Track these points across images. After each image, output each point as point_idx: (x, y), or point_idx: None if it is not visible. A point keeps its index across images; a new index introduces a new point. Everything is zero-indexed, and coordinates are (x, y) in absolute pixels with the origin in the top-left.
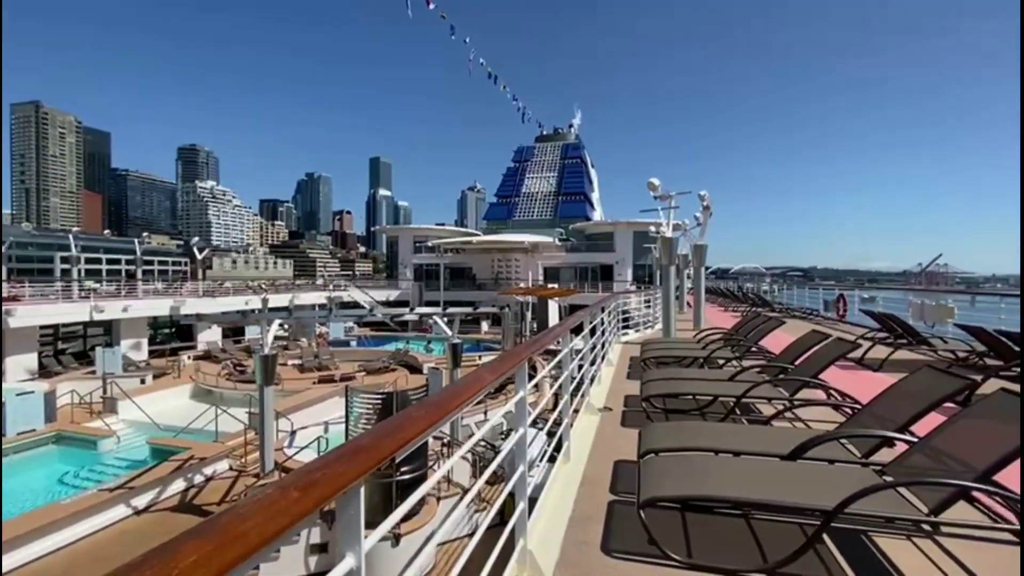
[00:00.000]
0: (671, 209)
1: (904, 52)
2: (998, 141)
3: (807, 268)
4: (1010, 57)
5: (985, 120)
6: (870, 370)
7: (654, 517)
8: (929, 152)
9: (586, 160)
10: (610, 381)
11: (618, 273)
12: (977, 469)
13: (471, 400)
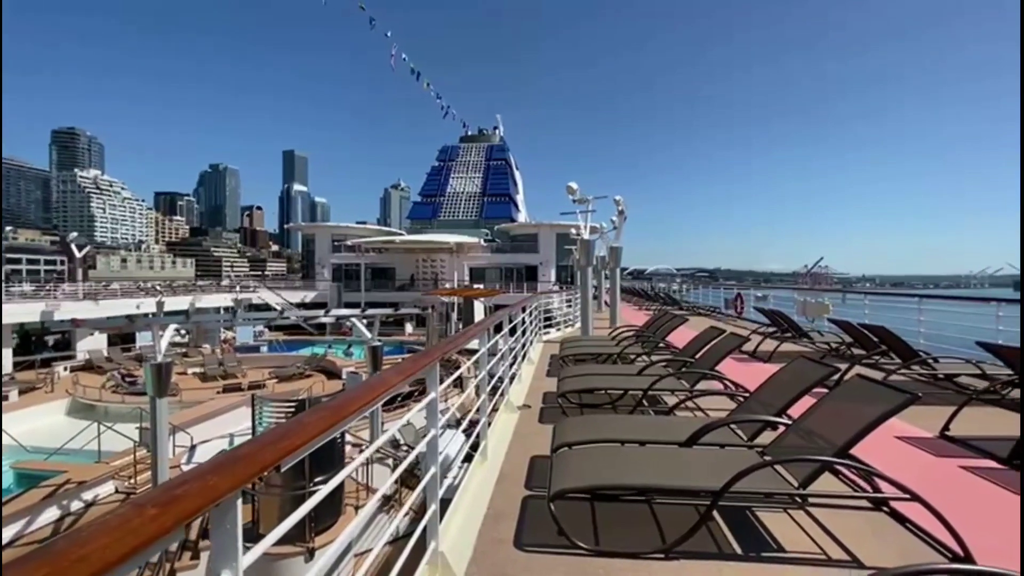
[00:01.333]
0: (588, 212)
1: (791, 70)
2: (875, 156)
3: (713, 269)
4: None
5: (863, 133)
6: (761, 361)
7: (564, 509)
8: (814, 163)
9: (511, 162)
10: (530, 379)
11: (542, 274)
12: (837, 445)
13: (372, 404)
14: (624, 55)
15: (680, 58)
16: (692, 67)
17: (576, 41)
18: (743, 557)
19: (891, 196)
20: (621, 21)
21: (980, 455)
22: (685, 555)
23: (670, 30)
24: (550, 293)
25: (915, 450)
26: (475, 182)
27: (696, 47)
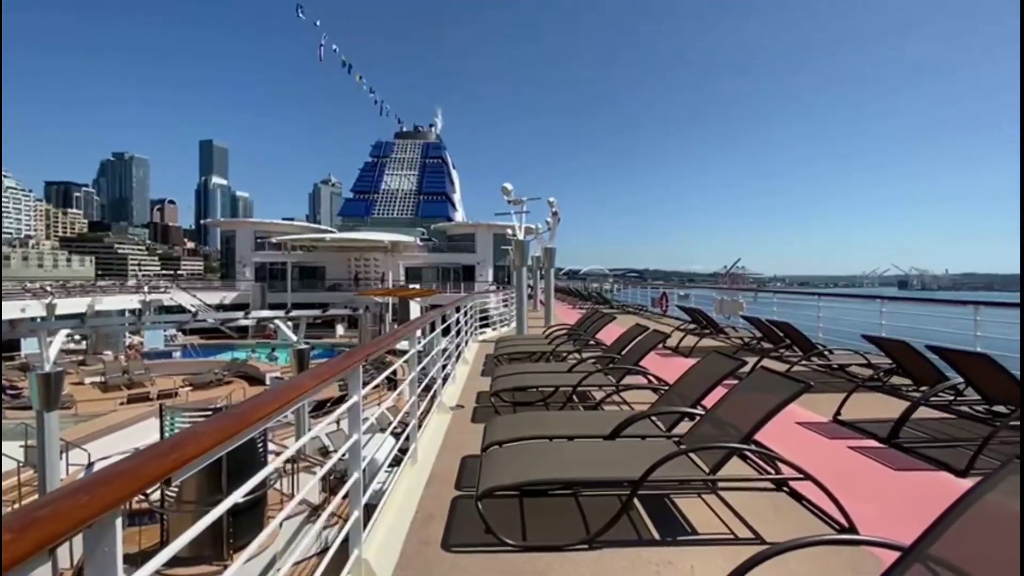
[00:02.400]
0: (523, 213)
1: (719, 76)
2: (789, 165)
3: (642, 270)
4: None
5: (773, 142)
6: (682, 356)
7: (493, 507)
8: (734, 169)
9: (448, 161)
10: (465, 379)
11: (479, 273)
12: (743, 432)
13: (282, 410)
14: (562, 59)
15: (617, 61)
16: (628, 70)
17: (514, 42)
18: (660, 542)
19: (799, 202)
20: (559, 23)
21: (865, 436)
22: (607, 544)
23: (608, 33)
24: (487, 293)
25: (812, 434)
26: (411, 180)
27: (632, 50)
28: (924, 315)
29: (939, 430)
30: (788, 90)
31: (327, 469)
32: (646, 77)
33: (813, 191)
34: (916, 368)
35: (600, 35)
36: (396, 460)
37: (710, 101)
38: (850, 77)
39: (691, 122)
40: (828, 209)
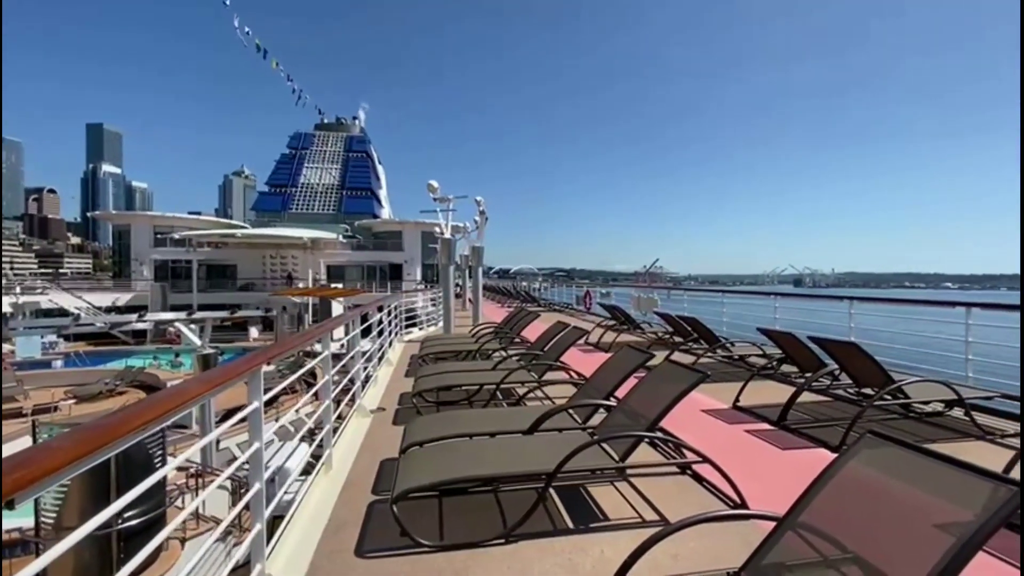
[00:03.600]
0: (449, 212)
1: (649, 84)
2: (703, 171)
3: (570, 269)
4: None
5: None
6: (603, 351)
7: (410, 509)
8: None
9: (373, 155)
10: (387, 381)
11: (407, 272)
12: (650, 420)
13: (161, 420)
14: (490, 58)
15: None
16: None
17: (443, 38)
18: (572, 530)
19: (711, 204)
20: (488, 22)
21: (759, 420)
22: (523, 536)
23: (540, 33)
24: (414, 292)
25: (714, 420)
26: (332, 174)
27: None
28: (811, 309)
29: (819, 411)
30: (700, 104)
31: (222, 481)
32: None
33: (725, 197)
34: (801, 357)
35: (534, 35)
36: (311, 467)
37: (627, 107)
38: (755, 88)
39: (618, 127)
40: (738, 213)
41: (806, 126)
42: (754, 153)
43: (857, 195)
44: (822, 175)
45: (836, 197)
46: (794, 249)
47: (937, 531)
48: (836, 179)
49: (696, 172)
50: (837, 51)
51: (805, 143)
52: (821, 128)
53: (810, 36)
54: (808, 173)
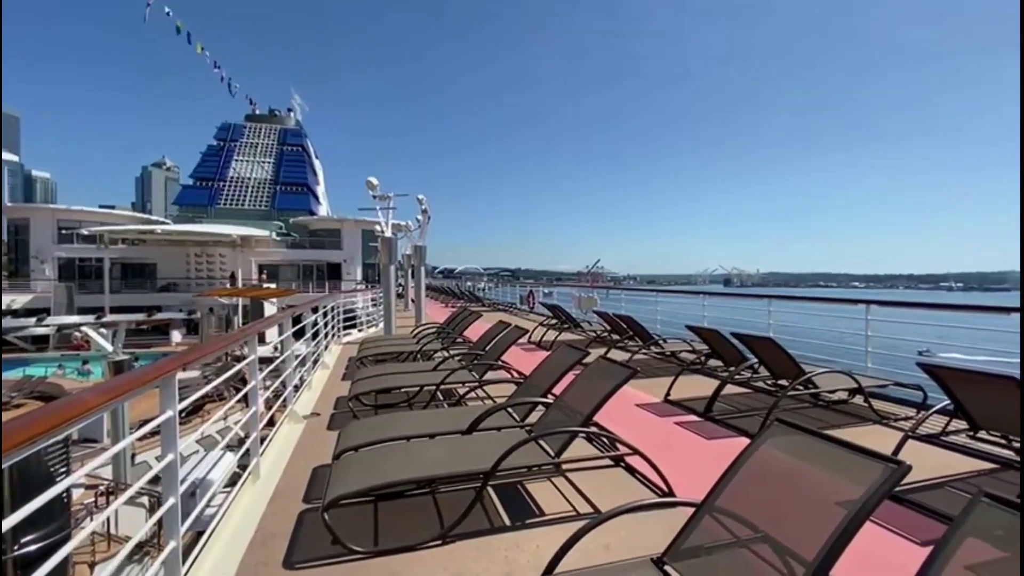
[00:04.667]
0: (390, 210)
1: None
2: (644, 175)
3: (515, 269)
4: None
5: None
6: (544, 350)
7: (343, 516)
8: (597, 173)
9: (309, 150)
10: (323, 385)
11: (347, 272)
12: (584, 416)
13: (50, 435)
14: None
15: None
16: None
17: (385, 30)
18: (509, 527)
19: (651, 206)
20: (427, 12)
21: (688, 412)
22: (460, 536)
23: (483, 28)
24: (353, 292)
25: (646, 413)
26: (265, 168)
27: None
28: (735, 307)
29: (741, 402)
30: (641, 109)
31: (128, 497)
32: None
33: (664, 200)
34: (725, 352)
35: (474, 29)
36: (239, 478)
37: (566, 108)
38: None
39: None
40: (675, 216)
41: (722, 135)
42: (691, 158)
43: (779, 198)
44: (748, 180)
45: (760, 201)
46: (724, 250)
47: (833, 506)
48: (760, 184)
49: (638, 175)
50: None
51: (728, 151)
52: (739, 136)
53: (719, 52)
54: (737, 178)
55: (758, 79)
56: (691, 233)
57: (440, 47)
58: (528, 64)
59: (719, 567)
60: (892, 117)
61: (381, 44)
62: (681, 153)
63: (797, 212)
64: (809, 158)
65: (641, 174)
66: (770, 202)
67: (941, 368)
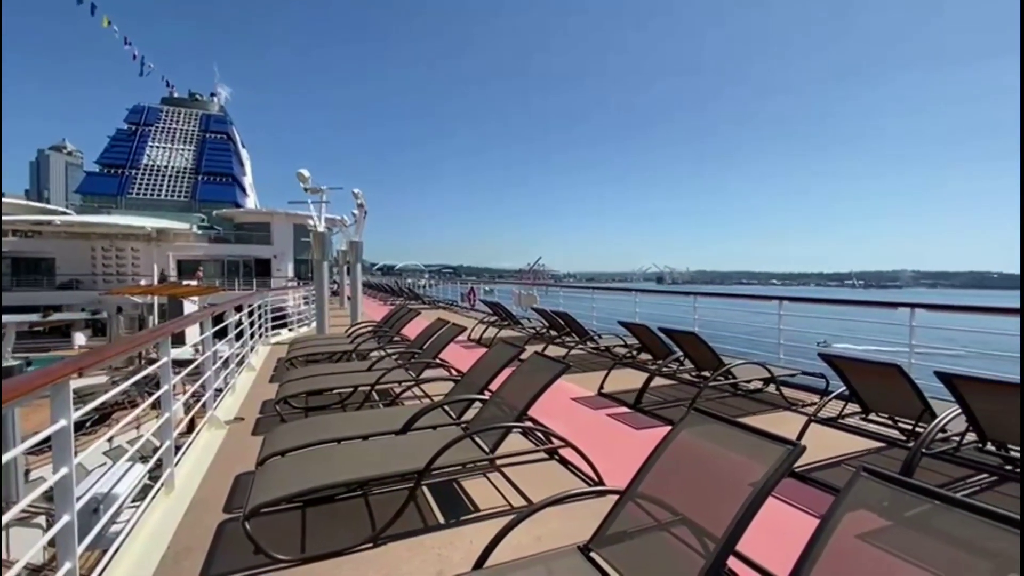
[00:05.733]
0: (323, 203)
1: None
2: (586, 176)
3: (457, 266)
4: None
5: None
6: (484, 347)
7: (268, 525)
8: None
9: (235, 138)
10: (248, 388)
11: (277, 268)
12: (518, 411)
13: None
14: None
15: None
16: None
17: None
18: (444, 525)
19: (591, 205)
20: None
21: (620, 404)
22: (393, 537)
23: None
24: (284, 289)
25: (581, 407)
26: (185, 156)
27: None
28: (666, 303)
29: (668, 393)
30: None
31: (12, 517)
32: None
33: (604, 198)
34: (654, 346)
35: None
36: (150, 490)
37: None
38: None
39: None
40: (615, 215)
41: (664, 141)
42: (628, 161)
43: (707, 195)
44: (684, 179)
45: (690, 199)
46: (660, 249)
47: (740, 486)
48: (694, 181)
49: (581, 176)
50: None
51: (668, 151)
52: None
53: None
54: (673, 178)
55: (703, 89)
56: (630, 232)
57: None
58: (477, 61)
59: (641, 550)
60: (799, 126)
61: (317, 30)
62: (625, 155)
63: (727, 213)
64: (738, 164)
65: (584, 175)
66: (703, 203)
67: (837, 358)
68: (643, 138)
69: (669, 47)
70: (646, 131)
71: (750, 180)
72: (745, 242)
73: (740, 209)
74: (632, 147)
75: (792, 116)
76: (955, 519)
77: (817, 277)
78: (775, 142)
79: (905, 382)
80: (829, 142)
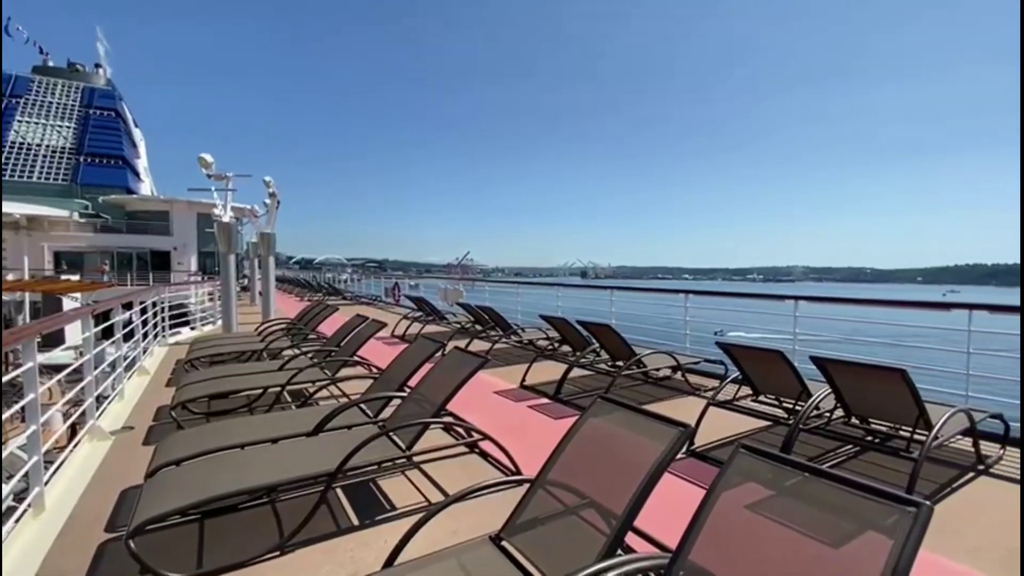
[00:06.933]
0: (228, 192)
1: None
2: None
3: (382, 260)
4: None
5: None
6: (408, 343)
7: (158, 542)
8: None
9: (125, 115)
10: (141, 394)
11: (178, 261)
12: (436, 406)
13: None
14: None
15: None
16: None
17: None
18: (358, 526)
19: (519, 200)
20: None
21: (541, 396)
22: (302, 544)
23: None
24: (186, 284)
25: (503, 399)
26: (63, 134)
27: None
28: (586, 297)
29: (585, 383)
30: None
31: None
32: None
33: (531, 194)
34: (573, 338)
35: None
36: (15, 511)
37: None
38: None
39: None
40: (540, 211)
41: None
42: (558, 159)
43: (627, 193)
44: (611, 177)
45: (619, 198)
46: (585, 245)
47: (639, 467)
48: (621, 180)
49: (510, 171)
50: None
51: (591, 149)
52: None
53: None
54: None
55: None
56: (559, 229)
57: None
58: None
59: (549, 534)
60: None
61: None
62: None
63: (646, 210)
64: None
65: (515, 170)
66: (627, 201)
67: (730, 345)
68: (570, 137)
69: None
70: (574, 128)
71: (667, 181)
72: (663, 239)
73: (661, 208)
74: (562, 145)
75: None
76: (816, 486)
77: (724, 272)
78: (685, 142)
79: (786, 366)
80: (737, 144)
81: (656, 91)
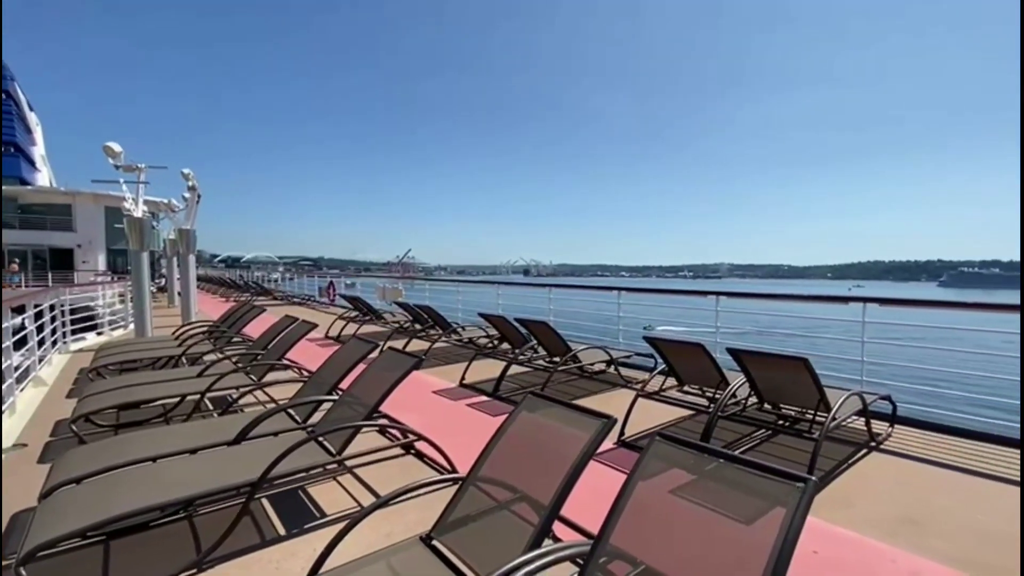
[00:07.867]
0: (139, 184)
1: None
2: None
3: (316, 258)
4: None
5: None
6: (342, 344)
7: (55, 568)
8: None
9: (18, 98)
10: (37, 407)
11: (83, 259)
12: (369, 408)
13: None
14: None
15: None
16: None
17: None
18: (285, 536)
19: (462, 198)
20: None
21: (480, 393)
22: (223, 558)
23: None
24: (93, 285)
25: (443, 399)
26: None
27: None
28: (526, 295)
29: (524, 379)
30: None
31: None
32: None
33: (473, 192)
34: (511, 336)
35: None
36: None
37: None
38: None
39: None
40: (483, 209)
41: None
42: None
43: (568, 192)
44: (550, 176)
45: (560, 199)
46: (528, 243)
47: (566, 458)
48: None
49: (452, 168)
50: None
51: (542, 152)
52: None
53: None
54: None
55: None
56: (502, 227)
57: None
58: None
59: (479, 530)
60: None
61: None
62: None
63: (587, 210)
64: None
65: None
66: (567, 200)
67: (657, 339)
68: (514, 136)
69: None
70: (517, 128)
71: (603, 179)
72: (603, 238)
73: (601, 208)
74: (504, 144)
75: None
76: (721, 468)
77: (658, 269)
78: (618, 144)
79: (707, 358)
80: (677, 147)
81: (593, 90)
